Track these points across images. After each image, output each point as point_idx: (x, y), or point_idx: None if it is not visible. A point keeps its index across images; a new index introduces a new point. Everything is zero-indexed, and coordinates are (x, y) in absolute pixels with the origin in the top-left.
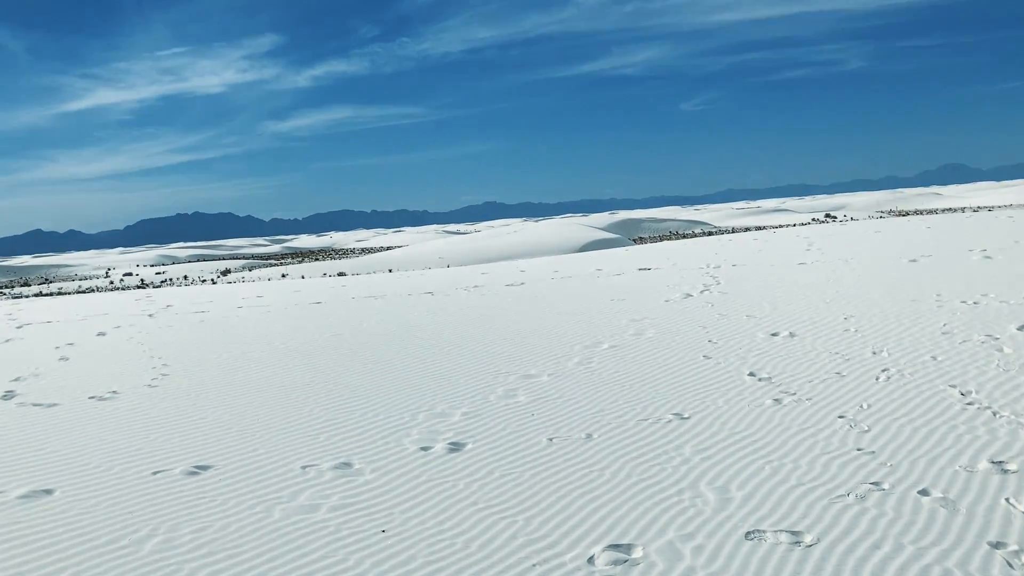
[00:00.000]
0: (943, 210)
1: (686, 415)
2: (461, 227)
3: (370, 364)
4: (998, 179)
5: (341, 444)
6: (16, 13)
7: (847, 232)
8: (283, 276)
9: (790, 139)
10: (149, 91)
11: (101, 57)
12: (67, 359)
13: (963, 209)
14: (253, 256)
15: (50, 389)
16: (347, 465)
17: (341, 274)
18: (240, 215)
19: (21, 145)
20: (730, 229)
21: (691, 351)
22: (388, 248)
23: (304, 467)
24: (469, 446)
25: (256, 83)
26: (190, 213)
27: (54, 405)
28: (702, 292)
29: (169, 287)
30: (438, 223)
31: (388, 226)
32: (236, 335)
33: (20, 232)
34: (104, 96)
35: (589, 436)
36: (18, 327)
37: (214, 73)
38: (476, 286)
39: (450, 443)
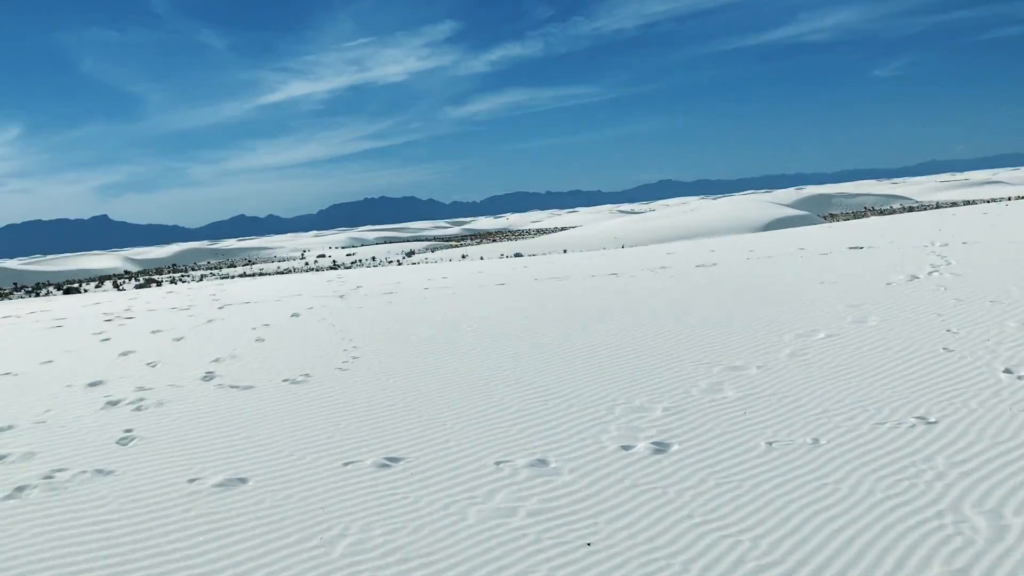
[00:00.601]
0: None
1: (932, 419)
2: (635, 206)
3: (559, 350)
4: None
5: (535, 438)
6: (219, 14)
7: None
8: (463, 257)
9: (1002, 104)
10: (337, 82)
11: (293, 51)
12: (263, 340)
13: None
14: (435, 238)
15: (246, 371)
16: (543, 462)
17: (518, 255)
18: (423, 198)
19: (226, 137)
20: (934, 204)
21: (927, 342)
22: (563, 229)
23: (498, 463)
24: (675, 447)
25: (436, 70)
26: (377, 197)
27: (249, 388)
28: (931, 274)
29: (358, 268)
30: (612, 203)
31: (562, 207)
32: (423, 317)
33: (227, 217)
34: (297, 88)
35: (815, 441)
36: (220, 308)
37: (396, 62)
38: (663, 267)
39: (653, 442)
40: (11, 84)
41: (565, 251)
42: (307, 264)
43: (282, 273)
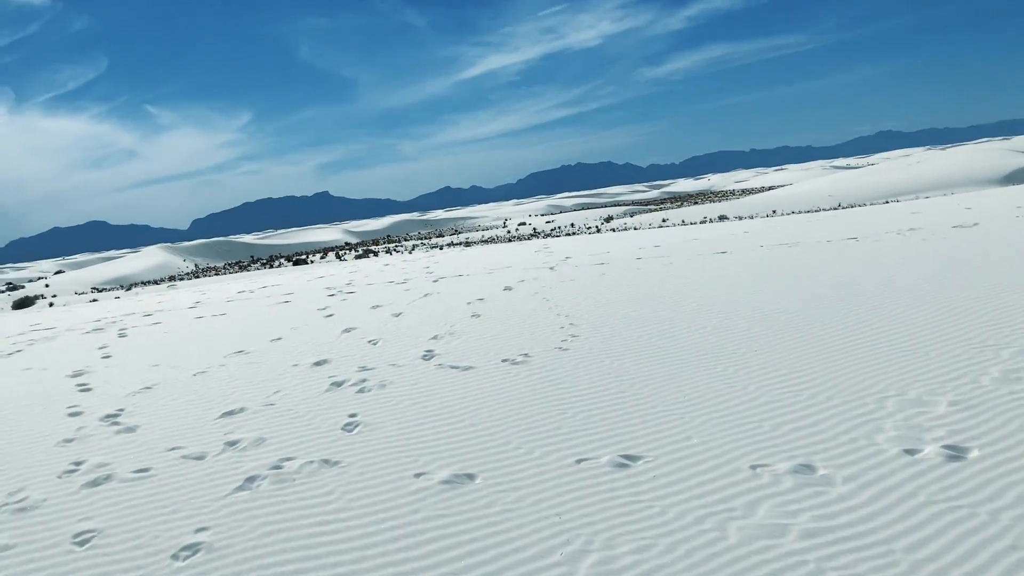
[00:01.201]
0: None
1: None
2: (850, 161)
3: (804, 329)
4: None
5: (793, 437)
6: None
7: None
8: (664, 221)
9: None
10: (532, 51)
11: (490, 24)
12: (478, 316)
13: None
14: (633, 202)
15: (464, 349)
16: (808, 468)
17: (723, 217)
18: (619, 163)
19: (431, 113)
20: None
21: None
22: (770, 188)
23: (753, 467)
24: (974, 452)
25: (630, 31)
26: (573, 164)
27: (469, 368)
28: None
29: (558, 237)
30: (824, 158)
31: (768, 165)
32: (641, 291)
33: (434, 190)
34: (494, 61)
35: None
36: (434, 281)
37: (590, 26)
38: (911, 229)
39: (945, 446)
40: (243, 75)
41: (774, 212)
42: (508, 232)
43: (487, 242)
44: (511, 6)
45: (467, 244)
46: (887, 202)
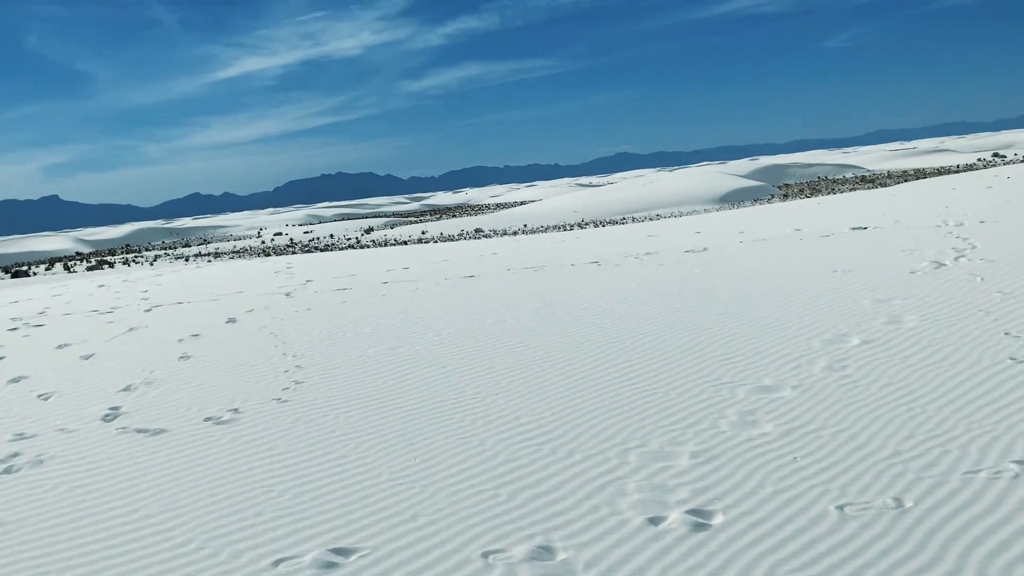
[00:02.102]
0: None
1: None
2: (593, 179)
3: (548, 365)
4: None
5: (532, 508)
6: None
7: None
8: (423, 233)
9: (947, 74)
10: (291, 56)
11: (246, 25)
12: (188, 357)
13: None
14: (394, 214)
15: (160, 404)
16: (547, 551)
17: (479, 230)
18: (380, 174)
19: (179, 113)
20: (885, 173)
21: (986, 350)
22: (522, 203)
23: (485, 554)
24: (719, 518)
25: (391, 44)
26: (334, 173)
27: (161, 432)
28: (957, 259)
29: (314, 252)
30: (570, 176)
31: (520, 180)
32: (381, 323)
33: (181, 196)
34: (250, 63)
35: (899, 502)
36: (147, 311)
37: (351, 35)
38: (648, 253)
39: (689, 511)
40: None
41: (526, 226)
42: (263, 243)
43: (238, 253)
44: (268, 9)
45: (216, 255)
46: (623, 220)
